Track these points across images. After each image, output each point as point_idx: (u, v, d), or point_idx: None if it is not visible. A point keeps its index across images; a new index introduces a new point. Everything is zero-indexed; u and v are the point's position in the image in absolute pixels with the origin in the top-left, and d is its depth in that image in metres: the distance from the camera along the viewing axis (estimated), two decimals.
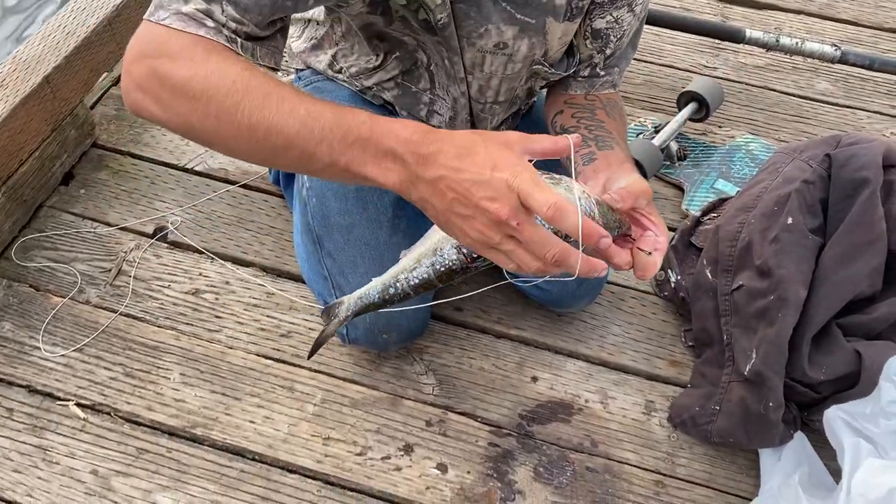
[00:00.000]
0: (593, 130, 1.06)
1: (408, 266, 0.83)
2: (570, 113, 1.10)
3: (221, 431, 1.21)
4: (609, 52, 1.08)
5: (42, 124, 1.42)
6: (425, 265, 0.81)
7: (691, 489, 1.20)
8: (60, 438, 1.19)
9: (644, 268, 0.86)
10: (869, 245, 1.15)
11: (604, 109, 1.10)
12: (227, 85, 0.74)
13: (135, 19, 1.58)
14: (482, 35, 0.98)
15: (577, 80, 1.13)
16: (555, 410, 1.27)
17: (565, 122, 1.09)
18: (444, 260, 0.80)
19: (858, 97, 1.80)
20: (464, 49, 1.01)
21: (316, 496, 1.16)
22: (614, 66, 1.11)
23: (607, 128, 1.06)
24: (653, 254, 0.86)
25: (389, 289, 0.84)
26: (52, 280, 1.37)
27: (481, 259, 0.79)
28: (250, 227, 1.46)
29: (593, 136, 1.04)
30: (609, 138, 1.04)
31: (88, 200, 1.49)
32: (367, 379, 1.28)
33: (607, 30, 1.06)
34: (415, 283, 0.82)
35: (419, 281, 0.82)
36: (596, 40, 1.07)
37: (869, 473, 0.96)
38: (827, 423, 1.05)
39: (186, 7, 0.78)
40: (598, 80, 1.11)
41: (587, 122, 1.07)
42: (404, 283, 0.83)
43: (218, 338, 1.32)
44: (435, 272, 0.81)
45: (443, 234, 0.80)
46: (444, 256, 0.80)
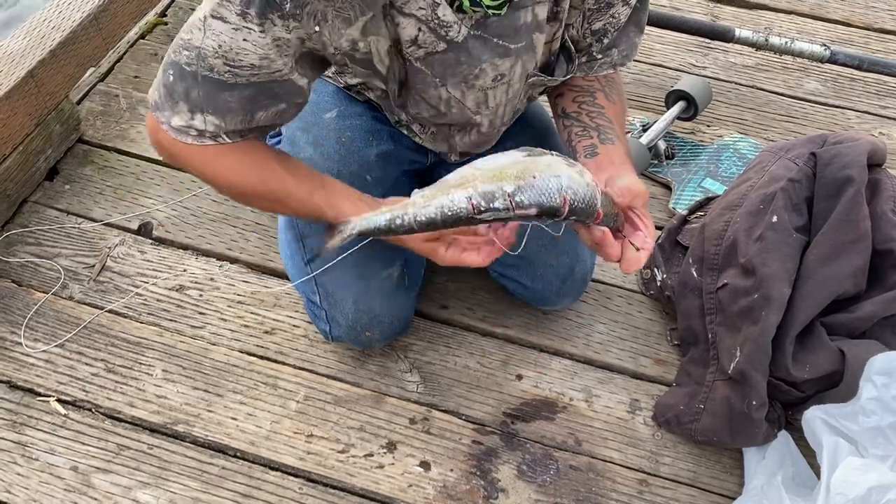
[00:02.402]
0: (595, 118, 1.07)
1: (419, 203, 0.86)
2: (572, 96, 1.10)
3: (203, 428, 1.20)
4: (607, 41, 1.08)
5: (26, 119, 1.41)
6: (435, 205, 0.84)
7: (675, 488, 1.19)
8: (40, 434, 1.18)
9: (630, 262, 0.93)
10: (853, 244, 1.15)
11: (603, 91, 1.11)
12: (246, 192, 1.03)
13: (121, 14, 1.58)
14: (478, 76, 0.98)
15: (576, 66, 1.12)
16: (539, 409, 1.26)
17: (566, 105, 1.10)
18: (453, 205, 0.84)
19: (848, 97, 1.80)
20: (465, 93, 1.02)
21: (298, 494, 1.15)
22: (611, 47, 1.10)
23: (607, 114, 1.08)
24: (640, 251, 0.92)
25: (396, 219, 0.87)
26: (35, 275, 1.36)
27: (487, 213, 0.83)
28: (235, 223, 1.46)
29: (595, 126, 1.06)
30: (609, 129, 1.05)
31: (73, 196, 1.49)
32: (351, 376, 1.28)
33: (606, 26, 1.06)
34: (421, 220, 0.85)
35: (425, 219, 0.85)
36: (595, 36, 1.07)
37: (848, 472, 0.96)
38: (806, 424, 1.04)
39: (175, 120, 0.93)
40: (596, 62, 1.10)
41: (588, 108, 1.09)
42: (412, 217, 0.86)
43: (201, 334, 1.31)
44: (442, 214, 0.84)
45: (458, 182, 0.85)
46: (453, 201, 0.84)
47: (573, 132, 1.07)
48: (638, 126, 1.64)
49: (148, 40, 1.78)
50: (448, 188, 0.86)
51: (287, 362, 1.28)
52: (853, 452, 0.98)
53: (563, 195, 0.84)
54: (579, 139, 1.05)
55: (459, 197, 0.84)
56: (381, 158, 1.24)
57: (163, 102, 0.93)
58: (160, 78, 0.93)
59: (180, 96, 0.92)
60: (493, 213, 0.84)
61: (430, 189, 0.88)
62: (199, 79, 0.90)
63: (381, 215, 0.89)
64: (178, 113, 0.93)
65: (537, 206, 0.84)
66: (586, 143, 1.04)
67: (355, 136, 1.24)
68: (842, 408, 1.03)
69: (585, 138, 1.04)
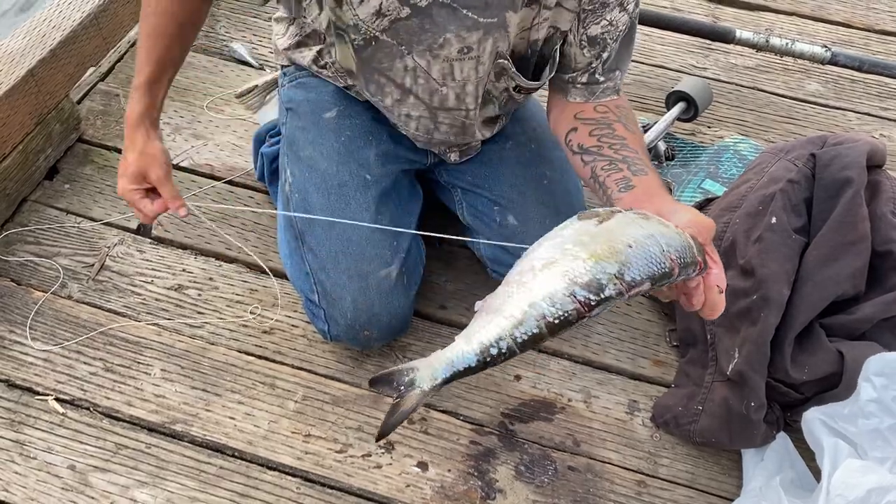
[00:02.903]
0: (619, 150, 1.00)
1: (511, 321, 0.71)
2: (588, 130, 1.05)
3: (201, 428, 1.20)
4: (606, 56, 1.06)
5: (26, 118, 1.41)
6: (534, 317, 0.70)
7: (673, 489, 1.19)
8: (38, 433, 1.18)
9: (716, 307, 0.83)
10: (852, 245, 1.15)
11: (621, 122, 1.06)
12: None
13: (121, 14, 1.58)
14: (443, 45, 0.98)
15: (576, 86, 1.09)
16: (537, 409, 1.26)
17: (584, 141, 1.04)
18: (557, 310, 0.70)
19: (848, 99, 1.79)
20: (430, 63, 1.01)
21: (295, 493, 1.15)
22: (614, 69, 1.08)
23: (631, 146, 1.02)
24: (721, 293, 0.83)
25: (491, 349, 0.71)
26: (35, 275, 1.36)
27: (599, 306, 0.72)
28: (234, 223, 1.46)
29: (622, 158, 0.99)
30: (639, 161, 0.99)
31: (73, 195, 1.49)
32: (349, 376, 1.27)
33: (603, 34, 1.03)
34: (523, 340, 0.71)
35: (529, 336, 0.71)
36: (593, 47, 1.05)
37: (848, 474, 0.95)
38: (805, 425, 1.04)
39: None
40: (599, 86, 1.08)
41: (609, 141, 1.02)
42: (510, 342, 0.71)
43: (200, 334, 1.31)
44: (547, 325, 0.70)
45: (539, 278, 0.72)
46: (555, 304, 0.71)
47: (598, 167, 1.00)
48: None
49: None
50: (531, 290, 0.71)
51: (285, 362, 1.28)
52: (853, 454, 0.98)
53: (669, 256, 0.74)
54: (608, 173, 0.98)
55: (561, 298, 0.70)
56: (381, 158, 1.24)
57: None
58: None
59: None
60: (607, 304, 0.72)
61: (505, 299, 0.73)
62: None
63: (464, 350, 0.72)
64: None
65: (650, 279, 0.73)
66: (617, 176, 0.96)
67: (355, 135, 1.24)
68: (841, 409, 1.02)
69: (615, 172, 0.97)
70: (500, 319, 0.72)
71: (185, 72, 1.71)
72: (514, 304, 0.72)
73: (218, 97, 1.66)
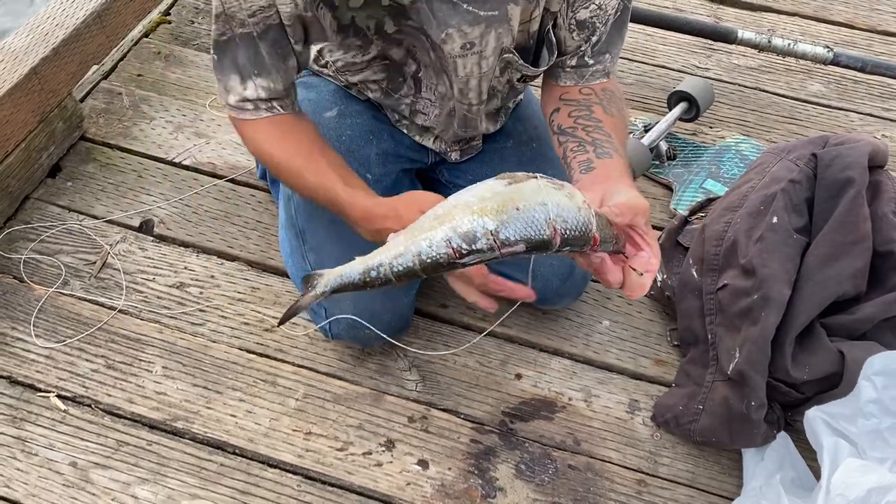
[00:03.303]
0: (591, 132, 1.02)
1: (394, 252, 0.78)
2: (568, 111, 1.07)
3: (202, 425, 1.21)
4: (596, 40, 1.06)
5: (29, 115, 1.42)
6: (412, 253, 0.77)
7: (674, 489, 1.19)
8: (40, 430, 1.19)
9: (633, 288, 0.86)
10: (853, 245, 1.15)
11: (601, 105, 1.07)
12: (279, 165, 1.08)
13: (124, 12, 1.58)
14: (445, 41, 0.98)
15: (565, 70, 1.10)
16: (538, 408, 1.26)
17: (563, 121, 1.06)
18: (432, 251, 0.76)
19: (851, 99, 1.79)
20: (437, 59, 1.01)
21: (296, 491, 1.15)
22: (604, 52, 1.08)
23: (605, 128, 1.03)
24: (644, 275, 0.85)
25: (371, 272, 0.79)
26: (37, 272, 1.37)
27: (469, 256, 0.76)
28: (236, 221, 1.46)
29: (591, 140, 1.00)
30: (607, 143, 1.00)
31: (75, 193, 1.49)
32: (350, 374, 1.28)
33: (592, 18, 1.04)
34: (399, 270, 0.78)
35: (403, 269, 0.77)
36: (582, 31, 1.05)
37: (848, 473, 0.95)
38: (807, 424, 1.04)
39: (232, 98, 1.04)
40: (588, 69, 1.08)
41: (584, 123, 1.04)
42: (388, 269, 0.78)
43: (201, 331, 1.31)
44: (420, 262, 0.77)
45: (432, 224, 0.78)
46: (431, 246, 0.76)
47: (568, 148, 1.02)
48: (640, 127, 1.64)
49: (151, 39, 1.78)
50: (424, 230, 0.78)
51: (286, 360, 1.29)
52: (853, 454, 0.98)
53: (553, 225, 0.76)
54: (574, 155, 1.00)
55: (438, 241, 0.76)
56: (382, 157, 1.24)
57: (221, 87, 1.04)
58: (213, 68, 1.04)
59: (229, 69, 1.01)
60: (478, 256, 0.76)
61: (406, 232, 0.80)
62: (236, 41, 0.98)
63: (353, 269, 0.81)
64: (231, 89, 1.03)
65: (525, 242, 0.76)
66: (581, 158, 0.98)
67: (356, 134, 1.24)
68: (842, 408, 1.02)
69: (581, 153, 0.99)
70: (387, 249, 0.79)
71: (188, 70, 1.71)
72: (402, 239, 0.79)
73: None
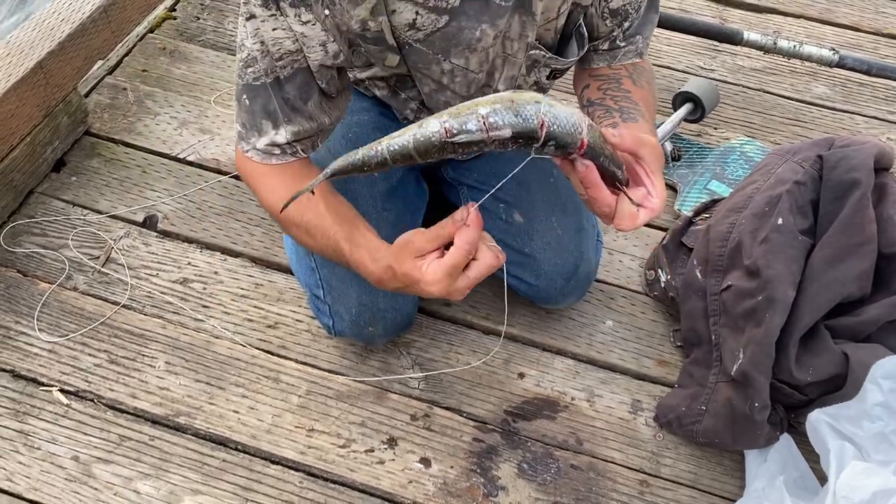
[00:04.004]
0: (619, 101, 1.02)
1: (394, 135, 0.83)
2: (597, 85, 1.06)
3: (205, 421, 1.21)
4: (628, 25, 1.06)
5: (34, 110, 1.42)
6: (407, 134, 0.81)
7: (676, 489, 1.19)
8: (42, 424, 1.19)
9: (623, 216, 0.82)
10: (858, 247, 1.14)
11: (630, 78, 1.06)
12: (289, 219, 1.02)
13: (130, 8, 1.58)
14: (480, 38, 0.97)
15: (598, 53, 1.09)
16: (541, 407, 1.26)
17: (591, 95, 1.06)
18: (426, 130, 0.80)
19: (856, 102, 1.79)
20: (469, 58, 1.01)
21: (298, 487, 1.15)
22: (636, 34, 1.07)
23: (633, 98, 1.03)
24: (640, 210, 0.82)
25: (370, 151, 0.83)
26: (41, 266, 1.37)
27: (461, 135, 0.79)
28: (240, 217, 1.46)
29: (618, 108, 1.00)
30: (634, 110, 1.00)
31: (79, 188, 1.49)
32: (353, 372, 1.28)
33: (625, 6, 1.03)
34: (394, 149, 0.81)
35: (398, 147, 0.81)
36: (615, 18, 1.05)
37: (853, 476, 0.95)
38: (811, 426, 1.04)
39: (261, 142, 1.00)
40: (620, 50, 1.08)
41: (613, 93, 1.04)
42: (384, 148, 0.81)
43: (204, 327, 1.31)
44: (414, 141, 0.80)
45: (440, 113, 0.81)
46: (425, 128, 0.80)
47: (595, 115, 1.02)
48: None
49: (157, 34, 1.78)
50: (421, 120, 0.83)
51: (289, 356, 1.29)
52: (857, 456, 0.97)
53: (541, 118, 0.79)
54: (601, 122, 0.99)
55: (433, 122, 0.80)
56: None
57: (248, 129, 1.00)
58: (238, 107, 0.99)
59: (260, 115, 0.98)
60: (467, 136, 0.79)
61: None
62: (269, 86, 0.96)
63: (355, 153, 0.85)
64: (264, 133, 0.99)
65: (511, 127, 0.79)
66: (607, 123, 0.98)
67: (362, 131, 1.24)
68: (847, 411, 1.02)
69: (607, 119, 0.99)
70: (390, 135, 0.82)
71: (193, 66, 1.71)
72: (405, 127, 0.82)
73: (225, 92, 1.66)
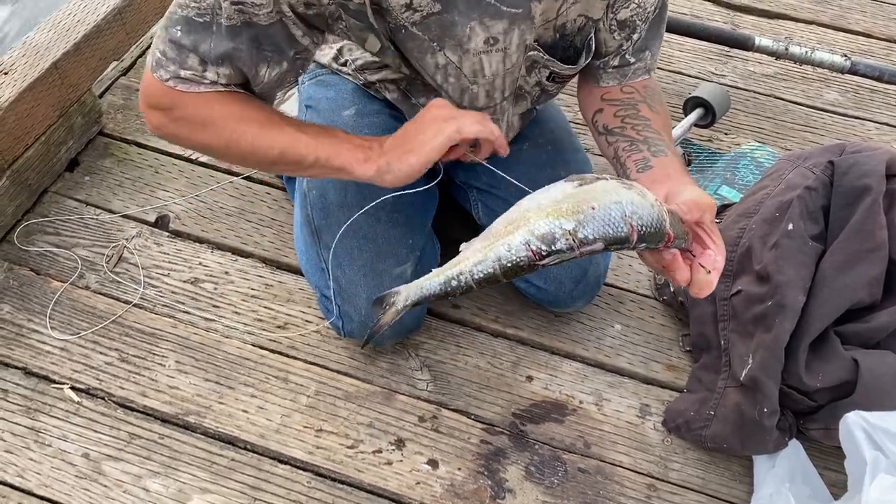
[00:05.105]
0: (641, 132, 1.02)
1: (473, 260, 0.81)
2: (612, 111, 1.07)
3: (214, 420, 1.21)
4: (637, 37, 1.06)
5: (49, 110, 1.43)
6: (491, 258, 0.79)
7: (684, 494, 1.19)
8: (54, 421, 1.20)
9: (701, 286, 0.86)
10: (869, 253, 1.14)
11: (646, 103, 1.07)
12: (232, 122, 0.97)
13: (144, 10, 1.60)
14: (470, 36, 0.98)
15: (607, 71, 1.10)
16: (549, 410, 1.26)
17: (608, 121, 1.06)
18: (512, 255, 0.78)
19: (867, 108, 1.79)
20: (461, 58, 1.01)
21: (306, 487, 1.16)
22: (644, 48, 1.07)
23: (654, 127, 1.03)
24: (711, 273, 0.85)
25: (452, 281, 0.82)
26: (53, 265, 1.38)
27: (549, 257, 0.78)
28: (251, 218, 1.47)
29: (643, 139, 1.01)
30: (660, 141, 1.00)
31: (92, 187, 1.50)
32: (362, 373, 1.28)
33: (633, 17, 1.03)
34: (479, 277, 0.80)
35: (484, 275, 0.80)
36: (623, 30, 1.05)
37: (881, 491, 0.93)
38: (845, 427, 1.00)
39: (184, 72, 0.94)
40: (630, 67, 1.08)
41: (633, 122, 1.04)
42: (468, 277, 0.80)
43: (215, 327, 1.32)
44: (501, 267, 0.79)
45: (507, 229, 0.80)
46: (511, 250, 0.78)
47: (620, 147, 1.02)
48: None
49: None
50: (500, 236, 0.80)
51: (299, 357, 1.29)
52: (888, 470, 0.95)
53: (629, 223, 0.78)
54: (628, 154, 1.00)
55: (517, 245, 0.78)
56: None
57: (169, 58, 0.93)
58: (163, 35, 0.94)
59: (190, 49, 0.92)
60: (557, 256, 0.78)
61: (479, 241, 0.82)
62: (214, 28, 0.91)
63: (433, 280, 0.83)
64: (187, 67, 0.93)
65: (603, 240, 0.78)
66: (637, 157, 0.98)
67: (373, 134, 1.24)
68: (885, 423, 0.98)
69: (635, 152, 0.99)
70: (466, 257, 0.82)
71: None
72: (479, 246, 0.81)
73: None
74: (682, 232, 0.84)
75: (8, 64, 1.38)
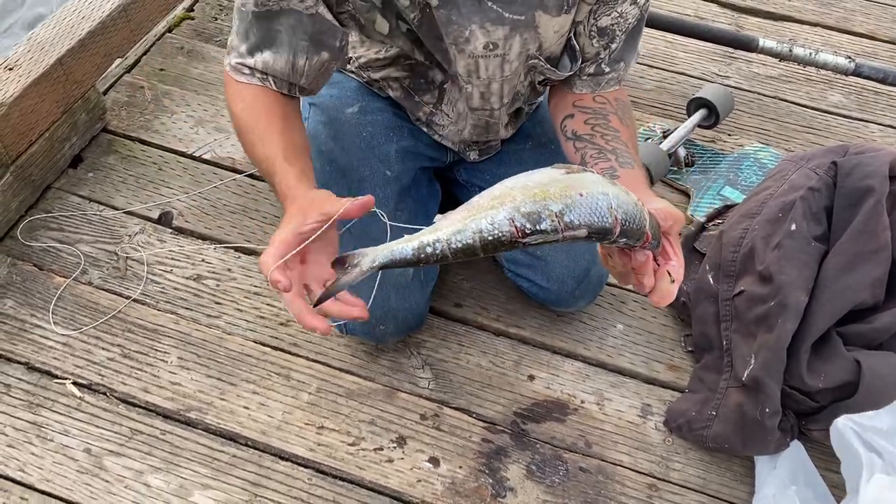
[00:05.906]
0: (610, 142, 1.03)
1: (452, 228, 0.77)
2: (583, 119, 1.07)
3: (216, 416, 1.21)
4: (614, 47, 1.07)
5: (53, 106, 1.43)
6: (472, 229, 0.76)
7: (685, 494, 1.19)
8: (56, 416, 1.20)
9: (663, 295, 0.86)
10: (872, 254, 1.14)
11: (616, 115, 1.08)
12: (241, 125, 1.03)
13: (149, 7, 1.60)
14: (469, 39, 0.98)
15: (581, 78, 1.11)
16: (550, 409, 1.26)
17: (578, 128, 1.07)
18: (494, 228, 0.75)
19: (871, 111, 1.79)
20: (455, 56, 1.01)
21: (307, 484, 1.16)
22: (619, 60, 1.09)
23: (623, 139, 1.04)
24: (673, 283, 0.86)
25: (427, 247, 0.77)
26: (56, 260, 1.38)
27: (533, 235, 0.75)
28: (255, 215, 1.47)
29: (611, 149, 1.02)
30: (627, 154, 1.01)
31: (96, 184, 1.50)
32: (364, 370, 1.28)
33: (613, 26, 1.04)
34: (457, 247, 0.76)
35: (462, 245, 0.76)
36: (602, 38, 1.06)
37: (878, 490, 0.93)
38: (836, 432, 1.01)
39: (231, 60, 1.02)
40: (604, 77, 1.10)
41: (602, 131, 1.05)
42: (444, 245, 0.76)
43: (217, 323, 1.32)
44: (481, 240, 0.76)
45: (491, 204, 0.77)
46: (493, 224, 0.75)
47: (587, 154, 1.03)
48: (658, 132, 1.64)
49: (175, 34, 1.80)
50: (481, 209, 0.77)
51: (301, 354, 1.29)
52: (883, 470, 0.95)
53: (615, 215, 0.77)
54: (596, 162, 1.01)
55: (500, 219, 0.75)
56: (401, 154, 1.25)
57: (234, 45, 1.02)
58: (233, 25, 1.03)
59: (242, 38, 1.01)
60: (541, 237, 0.75)
61: (457, 212, 0.79)
62: (251, 16, 0.97)
63: (405, 245, 0.78)
64: (240, 54, 1.02)
65: (587, 227, 0.76)
66: (604, 165, 0.99)
67: (376, 131, 1.25)
68: (875, 422, 0.99)
69: (603, 161, 1.00)
70: (444, 225, 0.77)
71: (209, 66, 1.73)
72: (460, 215, 0.77)
73: None
74: (658, 235, 0.84)
75: (13, 60, 1.38)
